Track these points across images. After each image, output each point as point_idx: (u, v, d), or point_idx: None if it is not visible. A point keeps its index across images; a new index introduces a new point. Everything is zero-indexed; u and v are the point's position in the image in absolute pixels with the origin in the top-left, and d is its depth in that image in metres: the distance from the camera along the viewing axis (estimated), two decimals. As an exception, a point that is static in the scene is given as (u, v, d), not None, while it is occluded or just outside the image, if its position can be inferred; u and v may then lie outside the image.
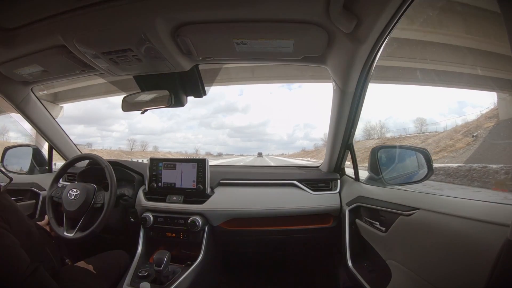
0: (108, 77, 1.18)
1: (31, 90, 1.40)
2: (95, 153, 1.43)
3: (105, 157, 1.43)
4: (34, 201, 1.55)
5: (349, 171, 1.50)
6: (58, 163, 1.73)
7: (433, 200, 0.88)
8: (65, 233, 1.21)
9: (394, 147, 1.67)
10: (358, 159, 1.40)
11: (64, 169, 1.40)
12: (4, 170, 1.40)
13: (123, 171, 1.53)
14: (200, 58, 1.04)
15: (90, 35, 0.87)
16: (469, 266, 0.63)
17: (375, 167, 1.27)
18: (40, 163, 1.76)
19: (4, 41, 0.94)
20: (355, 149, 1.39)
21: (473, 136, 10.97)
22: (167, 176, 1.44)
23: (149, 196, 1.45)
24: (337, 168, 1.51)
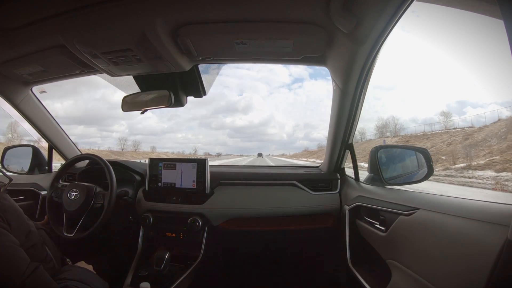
0: (108, 77, 1.18)
1: (31, 90, 1.40)
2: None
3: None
4: (34, 201, 1.56)
5: (349, 171, 1.50)
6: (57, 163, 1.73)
7: (433, 200, 0.88)
8: (65, 233, 1.21)
9: (394, 147, 1.67)
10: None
11: (64, 169, 1.40)
12: (4, 170, 1.40)
13: (123, 171, 1.53)
14: (200, 58, 1.04)
15: (90, 35, 0.87)
16: (469, 266, 0.63)
17: (375, 167, 1.27)
18: (40, 163, 1.76)
19: (4, 41, 0.94)
20: (369, 148, 1.38)
21: None
22: (167, 176, 1.44)
23: (149, 196, 1.44)
24: (337, 168, 1.51)
